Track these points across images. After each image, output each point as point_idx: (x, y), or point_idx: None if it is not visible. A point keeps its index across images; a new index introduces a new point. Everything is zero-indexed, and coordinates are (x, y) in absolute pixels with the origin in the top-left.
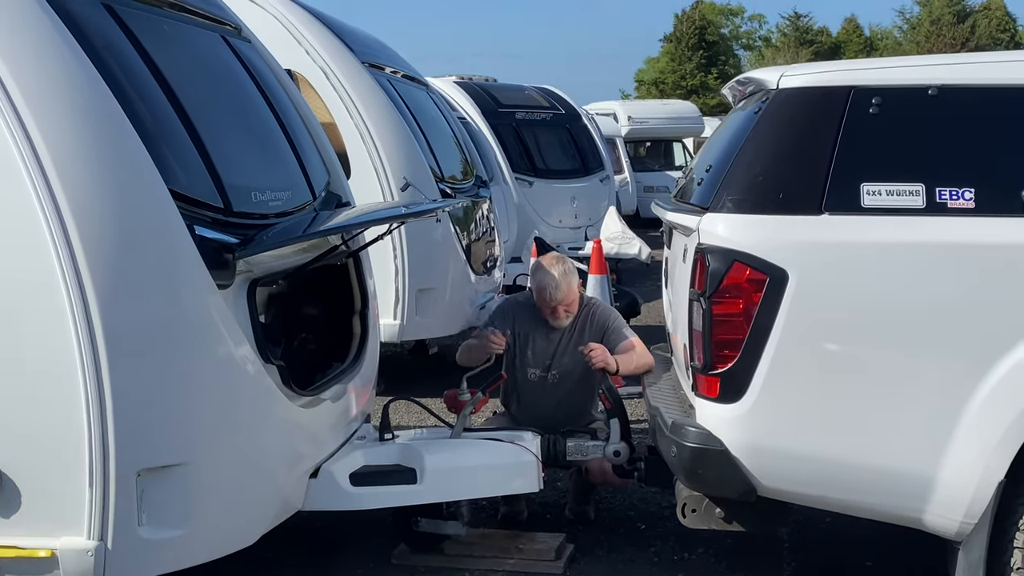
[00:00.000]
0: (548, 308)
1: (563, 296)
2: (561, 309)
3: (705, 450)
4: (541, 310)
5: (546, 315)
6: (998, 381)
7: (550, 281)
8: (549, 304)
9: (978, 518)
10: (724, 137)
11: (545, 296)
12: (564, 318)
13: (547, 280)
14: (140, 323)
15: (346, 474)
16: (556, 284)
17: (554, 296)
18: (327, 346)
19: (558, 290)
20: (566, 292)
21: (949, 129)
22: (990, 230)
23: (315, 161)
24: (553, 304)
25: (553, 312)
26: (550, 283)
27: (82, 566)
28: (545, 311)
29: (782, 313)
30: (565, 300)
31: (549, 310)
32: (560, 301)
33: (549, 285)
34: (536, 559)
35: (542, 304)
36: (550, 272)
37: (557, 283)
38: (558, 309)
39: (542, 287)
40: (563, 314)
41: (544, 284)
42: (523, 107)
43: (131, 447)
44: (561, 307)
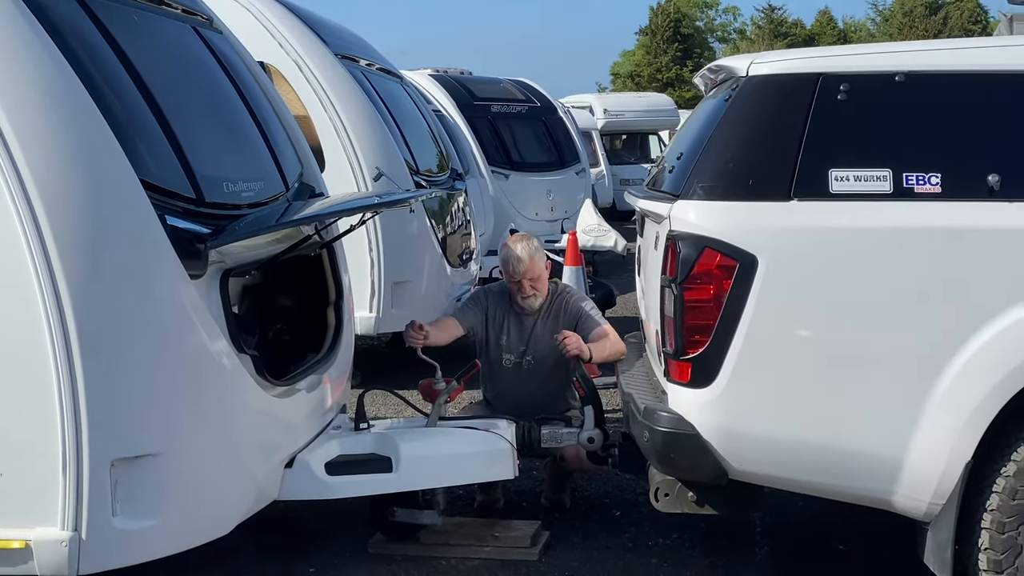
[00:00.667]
0: (514, 283)
1: (526, 269)
2: (527, 284)
3: (677, 434)
4: (512, 292)
5: (515, 294)
6: (964, 363)
7: (511, 254)
8: (514, 277)
9: (946, 499)
10: (695, 125)
11: (509, 269)
12: (532, 295)
13: (510, 253)
14: (112, 313)
15: (321, 463)
16: (518, 257)
17: (517, 268)
18: (302, 337)
19: (520, 263)
20: (529, 265)
21: (916, 115)
22: (956, 214)
23: (288, 152)
24: (518, 278)
25: (519, 287)
26: (512, 255)
27: (56, 556)
28: (513, 289)
29: (752, 298)
30: (529, 273)
31: (516, 285)
32: (524, 274)
33: (511, 257)
34: (511, 546)
35: (509, 280)
36: (514, 247)
37: (518, 256)
38: (523, 284)
39: (506, 260)
40: (529, 289)
41: (507, 257)
42: (499, 100)
43: (104, 437)
44: (526, 281)
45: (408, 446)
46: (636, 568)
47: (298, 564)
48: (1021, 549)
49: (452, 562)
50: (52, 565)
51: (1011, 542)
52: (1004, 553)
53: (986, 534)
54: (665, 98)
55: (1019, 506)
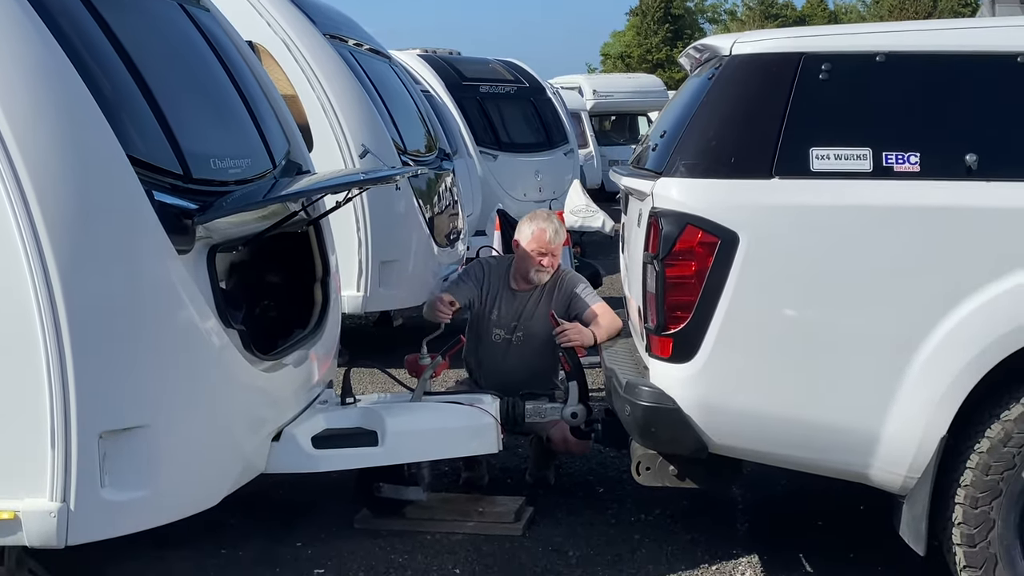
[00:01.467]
0: (538, 256)
1: (558, 244)
2: (548, 259)
3: (658, 408)
4: (527, 261)
5: (531, 266)
6: (941, 339)
7: (549, 226)
8: (544, 248)
9: (921, 472)
10: (679, 104)
11: (545, 238)
12: (547, 271)
13: (546, 225)
14: (100, 287)
15: (308, 437)
16: (555, 229)
17: (554, 239)
18: (289, 313)
19: (557, 235)
20: (560, 240)
21: (896, 95)
22: (934, 193)
23: (275, 130)
24: (550, 248)
25: (541, 260)
26: (549, 228)
27: (45, 527)
28: (532, 261)
29: (733, 275)
30: (556, 250)
31: (538, 259)
32: (552, 249)
33: (548, 229)
34: (496, 521)
35: (536, 249)
36: (549, 219)
37: (556, 229)
38: (546, 259)
39: (542, 229)
40: (549, 264)
41: (544, 227)
42: (487, 80)
43: (92, 410)
44: (549, 256)
45: (394, 420)
46: (619, 543)
47: (285, 539)
48: (994, 524)
49: (437, 537)
50: (41, 535)
51: (984, 516)
52: (977, 527)
53: (960, 509)
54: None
55: (992, 481)
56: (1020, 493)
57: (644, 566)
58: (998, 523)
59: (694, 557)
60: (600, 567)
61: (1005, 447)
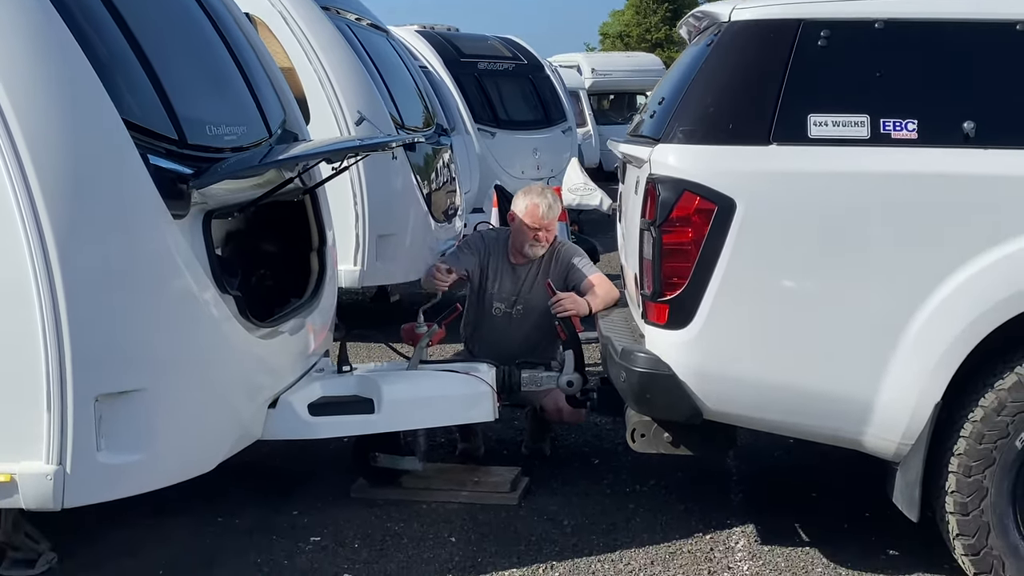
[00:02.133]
0: (531, 231)
1: (552, 219)
2: (543, 234)
3: (653, 375)
4: (522, 235)
5: (525, 241)
6: (936, 307)
7: (542, 202)
8: (537, 223)
9: (915, 439)
10: (678, 71)
11: (538, 213)
12: (541, 245)
13: (540, 200)
14: (95, 251)
15: (304, 404)
16: (548, 205)
17: (545, 215)
18: (285, 282)
19: (551, 210)
20: (555, 215)
21: (894, 62)
22: (931, 160)
23: (271, 99)
24: (540, 225)
25: (535, 236)
26: (542, 203)
27: (41, 490)
28: (527, 235)
29: (730, 241)
30: (550, 225)
31: (532, 233)
32: (546, 224)
33: (541, 204)
34: (492, 491)
35: (529, 224)
36: (543, 195)
37: (549, 204)
38: (540, 232)
39: (535, 204)
40: (543, 239)
41: (537, 203)
42: (486, 57)
43: (88, 373)
44: (543, 232)
45: (390, 388)
46: (613, 513)
47: (282, 507)
48: (987, 492)
49: (433, 506)
50: (37, 498)
51: (977, 485)
52: (970, 496)
53: (953, 478)
54: (653, 58)
55: (986, 450)
56: (1013, 462)
57: (639, 535)
58: (991, 491)
59: (688, 526)
60: (595, 536)
61: (999, 416)
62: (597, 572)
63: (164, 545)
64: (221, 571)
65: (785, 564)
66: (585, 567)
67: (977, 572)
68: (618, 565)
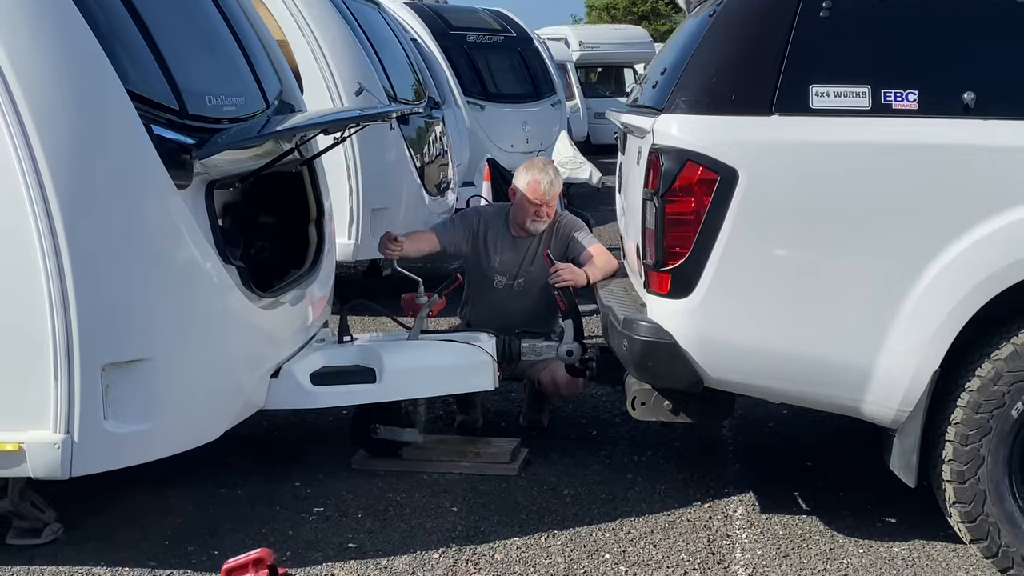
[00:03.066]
0: (533, 207)
1: (553, 195)
2: (544, 209)
3: (655, 343)
4: (523, 211)
5: (527, 216)
6: (935, 275)
7: (544, 178)
8: (539, 200)
9: (913, 406)
10: (679, 41)
11: (539, 190)
12: (543, 221)
13: (541, 176)
14: (100, 220)
15: (306, 374)
16: (550, 181)
17: (547, 192)
18: (285, 253)
19: (552, 186)
20: (556, 191)
21: (896, 33)
22: (932, 131)
23: (268, 71)
24: (541, 202)
25: (536, 212)
26: (544, 179)
27: (49, 459)
28: (528, 211)
29: (732, 211)
30: (552, 200)
31: (534, 209)
32: (548, 200)
33: (543, 181)
34: (491, 462)
35: (530, 200)
36: (545, 170)
37: (551, 181)
38: (542, 208)
39: (536, 181)
40: (545, 215)
41: (538, 179)
42: (474, 30)
43: (95, 343)
44: (545, 207)
45: (391, 357)
46: (612, 483)
47: (284, 479)
48: (983, 460)
49: (434, 477)
50: (46, 467)
51: (974, 454)
52: (967, 464)
53: (950, 446)
54: (641, 31)
55: (982, 419)
56: (1009, 431)
57: (637, 504)
58: (987, 460)
59: (687, 495)
60: (595, 505)
61: (995, 386)
62: (598, 540)
63: (168, 515)
64: (226, 540)
65: (783, 532)
66: (586, 536)
67: (973, 539)
68: (619, 533)
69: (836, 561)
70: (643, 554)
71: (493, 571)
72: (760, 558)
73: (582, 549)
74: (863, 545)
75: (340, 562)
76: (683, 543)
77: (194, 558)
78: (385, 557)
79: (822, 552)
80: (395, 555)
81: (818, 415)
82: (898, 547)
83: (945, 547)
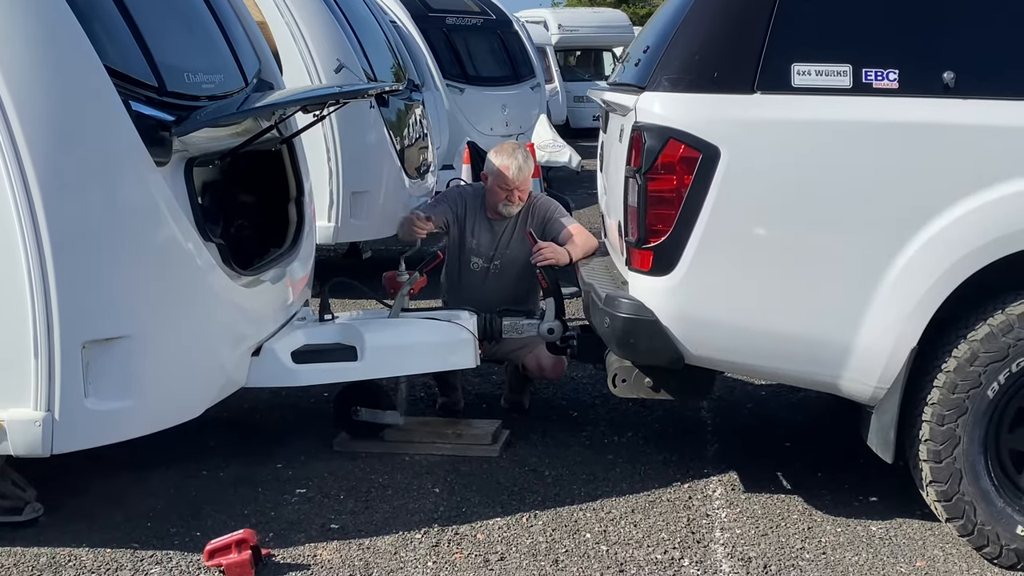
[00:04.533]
0: (504, 192)
1: (523, 180)
2: (516, 194)
3: (637, 320)
4: (495, 195)
5: (498, 200)
6: (914, 253)
7: (512, 163)
8: (508, 186)
9: (891, 383)
10: (662, 19)
11: (507, 176)
12: (516, 204)
13: (510, 162)
14: (80, 197)
15: (288, 352)
16: (519, 166)
17: (516, 177)
18: (265, 232)
19: (521, 171)
20: (526, 176)
21: (876, 12)
22: (912, 110)
23: (246, 48)
24: (512, 187)
25: (508, 196)
26: (512, 164)
27: (30, 436)
28: (499, 196)
29: (714, 189)
30: (522, 185)
31: (504, 194)
32: (518, 185)
33: (512, 166)
34: (473, 443)
35: (500, 186)
36: (514, 155)
37: (520, 166)
38: (513, 193)
39: (505, 167)
40: (516, 199)
41: (507, 164)
42: (454, 12)
43: (75, 320)
44: (516, 192)
45: (373, 335)
46: (593, 463)
47: (265, 461)
48: (960, 440)
49: (416, 458)
50: (26, 445)
51: (950, 433)
52: (943, 444)
53: (927, 426)
54: (620, 14)
55: (959, 399)
56: (985, 411)
57: (618, 484)
58: (964, 439)
59: (667, 476)
60: (576, 486)
61: (971, 366)
62: (579, 520)
63: (150, 497)
64: (208, 522)
65: (762, 511)
66: (567, 516)
67: (949, 517)
68: (599, 513)
69: (814, 540)
70: (623, 533)
71: (475, 551)
72: (739, 537)
73: (563, 529)
74: (841, 524)
75: (322, 543)
76: (663, 523)
77: (176, 539)
78: (367, 538)
79: (800, 531)
80: (377, 536)
81: (797, 396)
82: (875, 525)
83: (922, 525)
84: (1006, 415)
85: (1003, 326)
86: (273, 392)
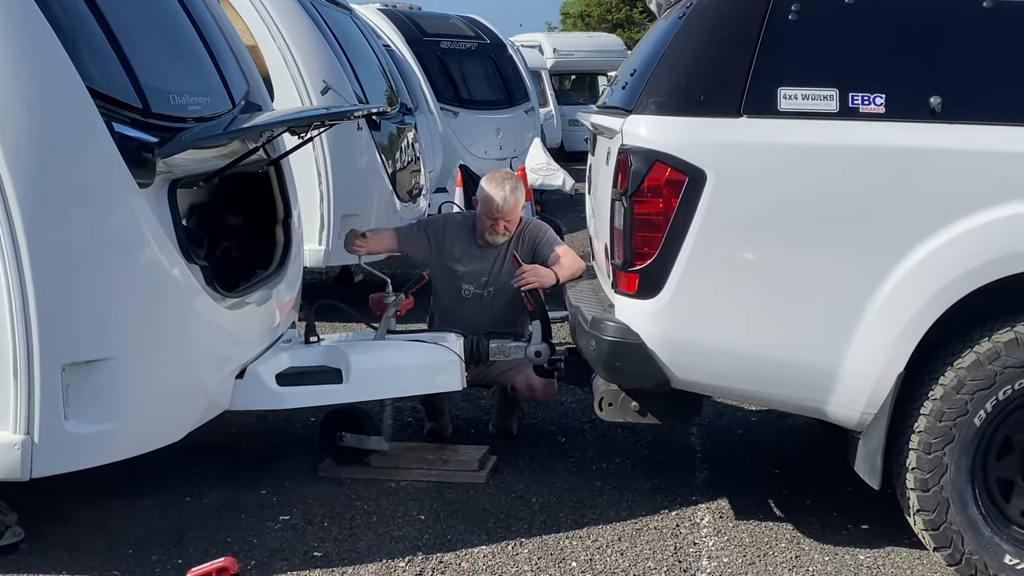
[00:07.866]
0: (489, 220)
1: (508, 211)
2: (502, 224)
3: (623, 343)
4: (482, 222)
5: (484, 228)
6: (901, 278)
7: (499, 193)
8: (493, 215)
9: (878, 408)
10: (649, 43)
11: (492, 207)
12: (501, 234)
13: (497, 192)
14: (60, 219)
15: (272, 374)
16: (505, 197)
17: (502, 207)
18: (251, 253)
19: (506, 203)
20: (512, 207)
21: (863, 37)
22: (898, 134)
23: (234, 71)
24: (497, 216)
25: (493, 225)
26: (499, 194)
27: (9, 460)
28: (485, 223)
29: (700, 212)
30: (508, 216)
31: (490, 222)
32: (504, 215)
33: (498, 196)
34: (459, 469)
35: (486, 214)
36: (502, 185)
37: (505, 197)
38: (499, 223)
39: (491, 197)
40: (502, 229)
41: (493, 195)
42: (448, 36)
43: (55, 341)
44: (502, 222)
45: (358, 358)
46: (580, 490)
47: (250, 487)
48: (947, 468)
49: (401, 484)
50: (5, 468)
51: (937, 462)
52: (930, 472)
53: (914, 454)
54: (615, 39)
55: (945, 427)
56: (972, 439)
57: (606, 511)
58: (951, 468)
59: (655, 503)
60: (563, 513)
61: (958, 394)
62: (566, 548)
63: (133, 524)
64: (190, 549)
65: (750, 540)
66: (554, 544)
67: (937, 546)
68: (586, 541)
69: (802, 569)
70: (610, 562)
71: None
72: (726, 566)
73: (549, 557)
74: (828, 552)
75: (305, 571)
76: (650, 551)
77: (158, 567)
78: (351, 566)
79: (788, 560)
80: (361, 564)
81: (786, 423)
82: (863, 554)
83: (910, 554)
84: (993, 443)
85: (990, 353)
86: (260, 417)
